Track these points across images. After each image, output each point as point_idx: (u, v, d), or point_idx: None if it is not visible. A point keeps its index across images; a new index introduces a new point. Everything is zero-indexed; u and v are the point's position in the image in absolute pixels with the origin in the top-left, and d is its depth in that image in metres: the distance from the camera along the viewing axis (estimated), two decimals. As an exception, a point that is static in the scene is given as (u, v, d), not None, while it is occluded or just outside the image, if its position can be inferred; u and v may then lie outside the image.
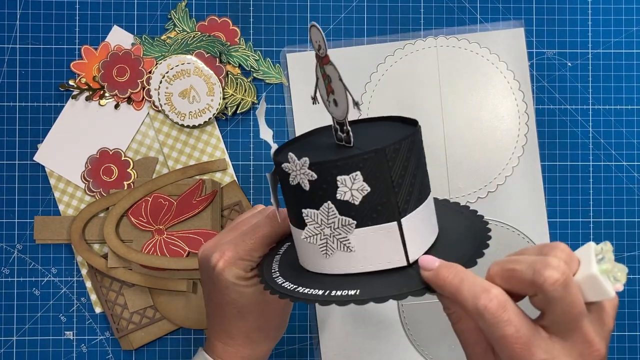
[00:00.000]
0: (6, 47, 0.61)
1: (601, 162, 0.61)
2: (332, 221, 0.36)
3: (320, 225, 0.36)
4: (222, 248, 0.44)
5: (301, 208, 0.36)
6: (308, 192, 0.36)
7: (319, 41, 0.36)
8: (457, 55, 0.61)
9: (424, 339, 0.59)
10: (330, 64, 0.36)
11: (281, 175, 0.37)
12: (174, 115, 0.60)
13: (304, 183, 0.36)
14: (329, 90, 0.37)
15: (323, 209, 0.36)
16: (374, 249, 0.36)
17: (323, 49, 0.36)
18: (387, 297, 0.35)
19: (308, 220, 0.36)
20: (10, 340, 0.60)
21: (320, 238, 0.37)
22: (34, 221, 0.60)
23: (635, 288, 0.61)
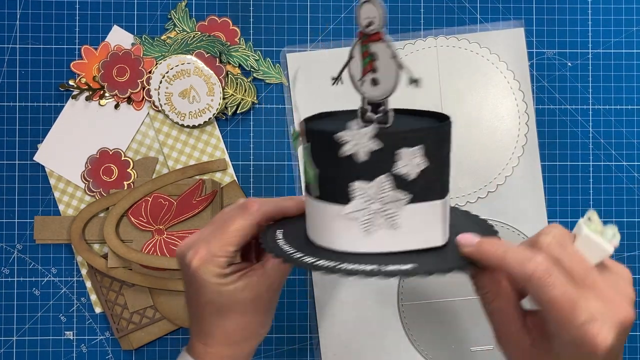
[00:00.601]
0: (6, 47, 0.61)
1: (601, 162, 0.61)
2: (384, 195, 0.35)
3: (370, 199, 0.35)
4: (196, 246, 0.42)
5: (350, 181, 0.35)
6: (363, 164, 0.35)
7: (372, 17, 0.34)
8: (457, 55, 0.61)
9: (424, 339, 0.59)
10: (382, 40, 0.35)
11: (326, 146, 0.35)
12: (174, 115, 0.60)
13: (362, 154, 0.35)
14: (368, 69, 0.37)
15: (377, 182, 0.35)
16: (418, 226, 0.36)
17: (377, 25, 0.35)
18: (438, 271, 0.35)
19: (357, 194, 0.35)
20: (10, 340, 0.60)
21: (365, 213, 0.36)
22: (34, 221, 0.60)
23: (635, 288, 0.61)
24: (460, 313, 0.59)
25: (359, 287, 0.60)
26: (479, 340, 0.59)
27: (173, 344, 0.60)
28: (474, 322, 0.59)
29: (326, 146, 0.35)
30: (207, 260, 0.42)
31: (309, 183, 0.38)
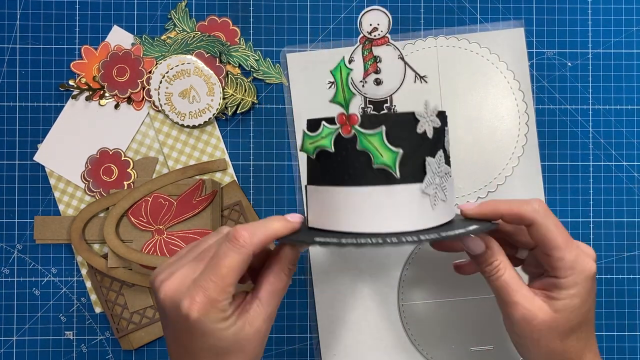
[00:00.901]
0: (6, 47, 0.61)
1: (601, 162, 0.61)
2: (440, 169, 0.39)
3: (434, 174, 0.38)
4: (190, 293, 0.38)
5: (424, 156, 0.38)
6: (431, 140, 0.37)
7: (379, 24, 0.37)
8: (457, 55, 0.61)
9: (424, 339, 0.59)
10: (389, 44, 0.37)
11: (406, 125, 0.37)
12: (174, 115, 0.60)
13: (430, 130, 0.37)
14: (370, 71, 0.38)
15: (437, 157, 0.38)
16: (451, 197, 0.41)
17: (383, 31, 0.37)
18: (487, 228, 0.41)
19: (428, 168, 0.38)
20: (10, 340, 0.60)
21: (433, 188, 0.39)
22: (34, 221, 0.60)
23: (635, 288, 0.61)
24: (460, 313, 0.59)
25: (359, 287, 0.60)
26: (479, 340, 0.59)
27: (173, 344, 0.60)
28: (474, 322, 0.59)
29: (406, 126, 0.37)
30: (208, 309, 0.38)
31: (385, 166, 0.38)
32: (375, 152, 0.37)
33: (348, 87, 0.36)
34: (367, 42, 0.37)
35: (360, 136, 0.37)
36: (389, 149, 0.37)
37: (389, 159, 0.37)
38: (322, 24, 0.61)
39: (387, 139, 0.37)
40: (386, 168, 0.38)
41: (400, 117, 0.37)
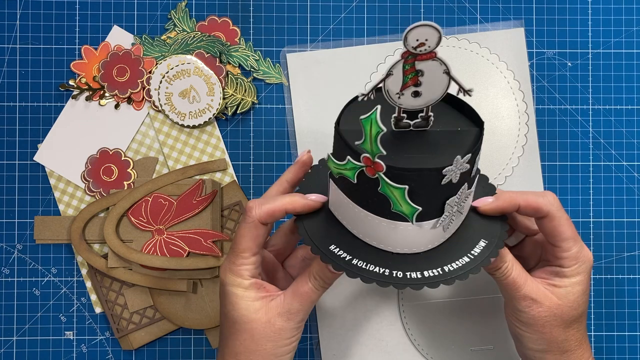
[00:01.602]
0: (6, 47, 0.61)
1: (601, 162, 0.61)
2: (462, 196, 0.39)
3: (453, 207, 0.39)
4: (225, 257, 0.46)
5: (445, 200, 0.38)
6: (455, 183, 0.38)
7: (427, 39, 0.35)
8: (457, 55, 0.61)
9: (424, 339, 0.59)
10: (435, 59, 0.37)
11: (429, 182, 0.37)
12: (174, 115, 0.60)
13: (456, 177, 0.38)
14: (410, 84, 0.38)
15: (460, 192, 0.39)
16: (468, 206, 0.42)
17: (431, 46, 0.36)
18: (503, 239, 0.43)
19: (447, 208, 0.39)
20: (10, 340, 0.60)
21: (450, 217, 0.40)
22: (34, 221, 0.60)
23: (635, 288, 0.61)
24: (460, 313, 0.59)
25: (359, 287, 0.60)
26: (479, 340, 0.59)
27: (173, 344, 0.60)
28: (474, 322, 0.59)
29: (431, 182, 0.37)
30: (228, 269, 0.44)
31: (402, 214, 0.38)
32: (395, 201, 0.38)
33: (377, 146, 0.36)
34: (410, 57, 0.36)
35: (382, 182, 0.37)
36: (409, 204, 0.38)
37: (408, 211, 0.38)
38: (322, 24, 0.61)
39: (409, 196, 0.37)
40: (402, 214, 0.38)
41: (426, 176, 0.37)
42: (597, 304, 0.60)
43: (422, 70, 0.37)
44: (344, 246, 0.41)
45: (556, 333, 0.44)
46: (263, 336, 0.43)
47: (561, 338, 0.45)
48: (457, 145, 0.40)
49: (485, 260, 0.41)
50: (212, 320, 0.59)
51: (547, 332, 0.44)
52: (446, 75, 0.37)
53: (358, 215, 0.40)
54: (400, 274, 0.40)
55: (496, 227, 0.43)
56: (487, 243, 0.42)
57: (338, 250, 0.41)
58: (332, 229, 0.42)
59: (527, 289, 0.44)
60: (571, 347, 0.45)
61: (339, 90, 0.61)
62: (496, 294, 0.59)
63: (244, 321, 0.43)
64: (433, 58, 0.37)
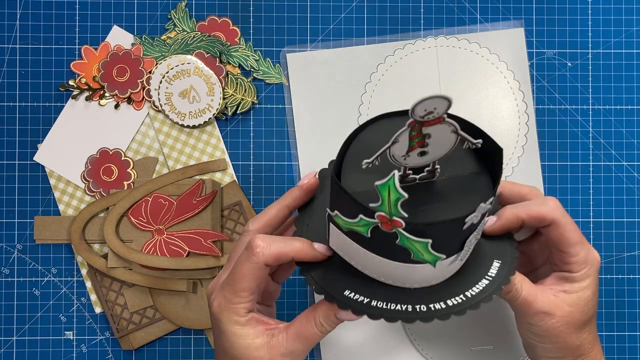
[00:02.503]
0: (6, 47, 0.61)
1: (601, 162, 0.61)
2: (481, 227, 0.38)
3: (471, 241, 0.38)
4: (216, 290, 0.42)
5: (465, 239, 0.37)
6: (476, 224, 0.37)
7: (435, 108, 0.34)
8: (457, 55, 0.61)
9: (424, 339, 0.59)
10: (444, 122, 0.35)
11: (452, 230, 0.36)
12: (174, 115, 0.60)
13: (477, 219, 0.36)
14: (416, 146, 0.37)
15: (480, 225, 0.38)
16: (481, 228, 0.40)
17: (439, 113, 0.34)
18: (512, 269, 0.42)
19: (466, 247, 0.38)
20: (10, 340, 0.60)
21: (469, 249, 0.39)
22: (34, 221, 0.60)
23: (635, 288, 0.61)
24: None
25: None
26: (479, 340, 0.59)
27: (173, 344, 0.60)
28: (474, 322, 0.59)
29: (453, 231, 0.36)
30: (223, 307, 0.41)
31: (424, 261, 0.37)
32: (417, 252, 0.36)
33: (397, 210, 0.34)
34: (417, 125, 0.35)
35: (402, 237, 0.35)
36: (432, 254, 0.36)
37: (431, 259, 0.37)
38: (322, 24, 0.61)
39: (432, 248, 0.36)
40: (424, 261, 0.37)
41: (448, 227, 0.36)
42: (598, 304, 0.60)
43: (429, 134, 0.36)
44: (359, 289, 0.39)
45: (570, 340, 0.44)
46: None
47: (576, 344, 0.44)
48: (467, 188, 0.39)
49: (505, 279, 0.40)
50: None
51: (561, 342, 0.44)
52: (454, 134, 0.36)
53: (372, 261, 0.38)
54: (424, 308, 0.39)
55: (505, 244, 0.43)
56: (502, 262, 0.41)
57: (354, 295, 0.39)
58: (341, 271, 0.40)
59: (538, 305, 0.43)
60: (585, 350, 0.45)
61: (339, 90, 0.61)
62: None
63: (245, 358, 0.41)
64: (442, 122, 0.35)
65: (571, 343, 0.44)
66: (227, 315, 0.41)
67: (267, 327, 0.42)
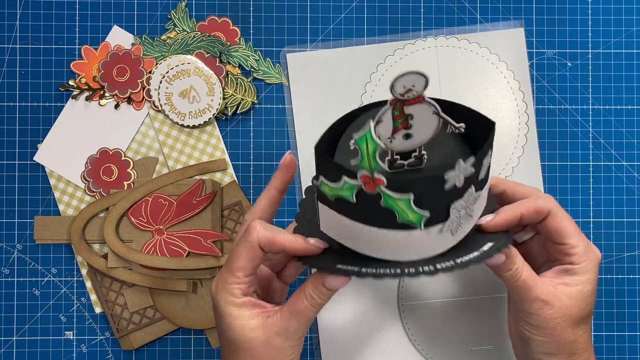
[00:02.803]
0: (6, 47, 0.61)
1: (601, 162, 0.61)
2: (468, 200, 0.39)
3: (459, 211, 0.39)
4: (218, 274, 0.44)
5: (449, 204, 0.38)
6: (461, 188, 0.37)
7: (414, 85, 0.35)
8: (457, 55, 0.61)
9: (424, 339, 0.59)
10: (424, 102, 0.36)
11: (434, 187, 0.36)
12: (174, 115, 0.60)
13: (460, 181, 0.37)
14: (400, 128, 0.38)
15: (467, 195, 0.38)
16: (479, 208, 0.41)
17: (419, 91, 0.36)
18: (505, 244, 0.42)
19: (453, 212, 0.38)
20: (10, 340, 0.60)
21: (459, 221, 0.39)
22: (34, 221, 0.60)
23: (635, 288, 0.61)
24: (460, 313, 0.59)
25: (359, 288, 0.60)
26: (479, 340, 0.59)
27: (173, 344, 0.60)
28: (474, 322, 0.59)
29: (434, 187, 0.37)
30: (221, 287, 0.42)
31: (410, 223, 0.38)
32: (401, 211, 0.37)
33: (375, 161, 0.35)
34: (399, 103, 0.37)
35: (385, 196, 0.36)
36: (415, 212, 0.37)
37: (415, 219, 0.37)
38: (322, 24, 0.61)
39: (414, 204, 0.37)
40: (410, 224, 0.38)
41: (428, 182, 0.37)
42: (597, 304, 0.60)
43: (412, 114, 0.37)
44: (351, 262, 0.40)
45: (566, 335, 0.44)
46: (262, 355, 0.42)
47: (570, 339, 0.44)
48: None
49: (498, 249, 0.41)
50: (212, 320, 0.59)
51: (557, 335, 0.44)
52: (436, 115, 0.37)
53: (360, 232, 0.39)
54: (412, 270, 0.39)
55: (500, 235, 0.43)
56: (495, 242, 0.42)
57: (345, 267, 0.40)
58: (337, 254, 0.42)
59: (537, 291, 0.43)
60: (579, 349, 0.44)
61: (339, 90, 0.61)
62: (496, 294, 0.59)
63: (242, 341, 0.42)
64: (421, 101, 0.37)
65: (566, 338, 0.44)
66: (224, 297, 0.42)
67: (263, 310, 0.43)
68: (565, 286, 0.44)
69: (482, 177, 0.40)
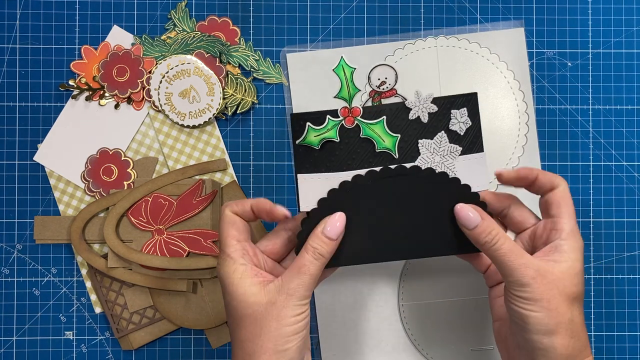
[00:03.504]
0: (6, 47, 0.61)
1: (601, 162, 0.61)
2: (442, 148, 0.45)
3: (432, 153, 0.44)
4: None
5: (417, 139, 0.45)
6: (425, 124, 0.44)
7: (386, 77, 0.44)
8: (457, 55, 0.61)
9: (424, 339, 0.59)
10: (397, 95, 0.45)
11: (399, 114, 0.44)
12: (174, 115, 0.60)
13: (424, 116, 0.44)
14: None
15: (437, 138, 0.44)
16: (469, 173, 0.46)
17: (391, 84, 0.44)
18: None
19: (422, 149, 0.45)
20: (10, 340, 0.60)
21: (430, 164, 0.45)
22: (34, 221, 0.60)
23: (635, 288, 0.61)
24: (460, 313, 0.59)
25: (359, 288, 0.60)
26: (479, 340, 0.59)
27: (173, 344, 0.60)
28: (474, 322, 0.59)
29: (400, 114, 0.44)
30: (220, 264, 0.45)
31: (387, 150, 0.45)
32: (378, 138, 0.44)
33: (353, 83, 0.43)
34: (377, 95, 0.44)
35: (363, 126, 0.44)
36: (389, 135, 0.44)
37: (390, 144, 0.44)
38: (322, 24, 0.61)
39: (387, 126, 0.44)
40: (387, 151, 0.45)
41: (393, 107, 0.44)
42: (597, 304, 0.60)
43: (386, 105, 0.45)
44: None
45: (562, 309, 0.42)
46: (265, 316, 0.42)
47: (568, 316, 0.42)
48: None
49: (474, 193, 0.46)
50: (212, 320, 0.59)
51: (554, 309, 0.42)
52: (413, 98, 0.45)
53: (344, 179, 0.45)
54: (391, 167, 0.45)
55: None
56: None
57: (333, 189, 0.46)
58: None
59: (527, 258, 0.43)
60: (577, 330, 0.43)
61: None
62: (496, 294, 0.59)
63: (244, 307, 0.43)
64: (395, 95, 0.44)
65: (564, 313, 0.42)
66: (224, 269, 0.44)
67: (264, 279, 0.44)
68: (555, 262, 0.43)
69: (459, 133, 0.45)
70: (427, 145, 0.45)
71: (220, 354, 0.60)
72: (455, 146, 0.45)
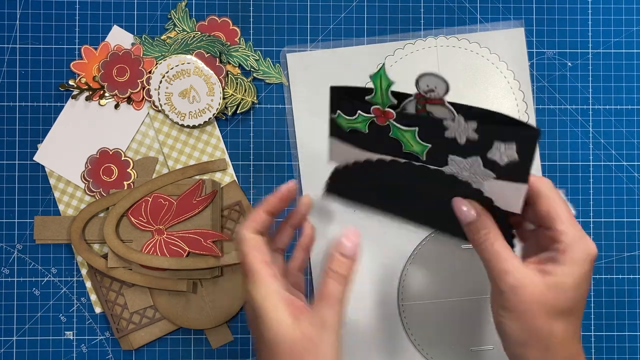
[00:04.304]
0: (6, 47, 0.61)
1: (601, 162, 0.61)
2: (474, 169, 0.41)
3: (461, 169, 0.42)
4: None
5: (448, 153, 0.42)
6: (462, 145, 0.40)
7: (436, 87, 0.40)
8: (457, 55, 0.61)
9: (424, 339, 0.59)
10: (444, 105, 0.41)
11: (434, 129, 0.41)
12: (174, 115, 0.60)
13: (462, 139, 0.40)
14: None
15: (470, 160, 0.41)
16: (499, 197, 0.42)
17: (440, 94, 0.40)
18: None
19: (451, 163, 0.42)
20: (10, 340, 0.60)
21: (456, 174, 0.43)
22: (34, 221, 0.60)
23: (635, 288, 0.61)
24: (460, 313, 0.59)
25: (359, 287, 0.60)
26: (479, 340, 0.59)
27: (173, 344, 0.60)
28: (474, 322, 0.59)
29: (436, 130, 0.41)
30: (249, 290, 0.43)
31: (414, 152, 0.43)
32: (407, 142, 0.42)
33: (388, 97, 0.40)
34: (422, 99, 0.42)
35: (394, 128, 0.42)
36: (419, 143, 0.42)
37: (419, 149, 0.42)
38: (322, 24, 0.61)
39: (419, 136, 0.42)
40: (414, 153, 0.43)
41: (430, 121, 0.41)
42: (597, 304, 0.61)
43: (432, 112, 0.41)
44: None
45: (538, 323, 0.40)
46: (302, 353, 0.40)
47: (544, 330, 0.40)
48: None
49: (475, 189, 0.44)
50: (212, 320, 0.59)
51: (527, 321, 0.40)
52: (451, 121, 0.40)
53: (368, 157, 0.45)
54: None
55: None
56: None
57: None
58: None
59: (509, 265, 0.40)
60: (555, 344, 0.40)
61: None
62: (496, 294, 0.59)
63: (280, 340, 0.40)
64: (442, 104, 0.41)
65: (539, 327, 0.40)
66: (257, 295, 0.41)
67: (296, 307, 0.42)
68: (544, 274, 0.40)
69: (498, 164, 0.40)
70: (457, 162, 0.41)
71: (220, 354, 0.60)
72: (488, 172, 0.41)
